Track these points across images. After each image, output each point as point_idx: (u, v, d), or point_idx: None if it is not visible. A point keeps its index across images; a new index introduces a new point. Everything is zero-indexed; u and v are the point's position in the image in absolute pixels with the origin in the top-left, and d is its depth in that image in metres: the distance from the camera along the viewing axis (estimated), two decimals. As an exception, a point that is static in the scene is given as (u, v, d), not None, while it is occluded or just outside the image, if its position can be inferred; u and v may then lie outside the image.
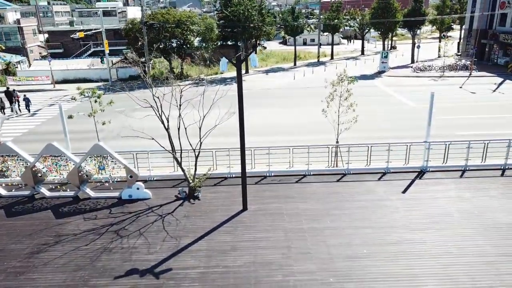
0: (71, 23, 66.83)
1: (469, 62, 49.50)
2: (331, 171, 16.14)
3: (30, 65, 59.64)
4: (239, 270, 10.19)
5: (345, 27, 72.51)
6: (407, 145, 16.27)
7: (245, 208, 13.30)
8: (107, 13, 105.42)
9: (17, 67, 56.35)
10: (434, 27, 70.81)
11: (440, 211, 12.85)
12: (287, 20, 56.03)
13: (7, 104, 33.92)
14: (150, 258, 10.76)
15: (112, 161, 14.11)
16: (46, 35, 64.10)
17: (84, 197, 14.37)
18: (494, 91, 37.99)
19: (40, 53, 68.35)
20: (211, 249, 11.13)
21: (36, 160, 14.16)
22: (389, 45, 79.40)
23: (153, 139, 13.80)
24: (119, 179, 14.47)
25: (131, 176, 14.11)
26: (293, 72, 52.18)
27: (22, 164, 14.26)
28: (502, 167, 15.92)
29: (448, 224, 12.10)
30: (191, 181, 14.14)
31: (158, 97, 13.54)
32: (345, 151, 16.29)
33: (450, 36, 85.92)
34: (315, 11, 76.13)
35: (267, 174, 15.93)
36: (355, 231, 11.81)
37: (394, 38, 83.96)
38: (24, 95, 34.72)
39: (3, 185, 14.99)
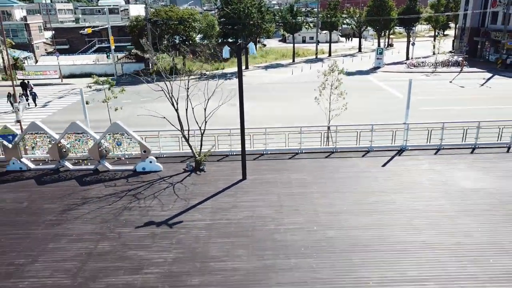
0: (76, 20, 68.65)
1: (461, 59, 51.50)
2: (320, 150, 18.18)
3: (36, 61, 61.57)
4: (239, 221, 12.22)
5: (343, 25, 74.34)
6: (394, 131, 18.31)
7: (244, 178, 15.32)
8: (110, 11, 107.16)
9: (24, 63, 58.38)
10: (430, 25, 72.63)
11: (412, 180, 14.88)
12: (286, 17, 57.96)
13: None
14: (164, 214, 12.79)
15: (128, 138, 16.14)
16: (52, 32, 65.99)
17: (103, 170, 16.40)
18: (482, 85, 39.99)
19: (45, 50, 70.35)
20: (215, 207, 13.17)
21: (61, 137, 16.19)
22: (386, 43, 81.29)
23: (164, 117, 15.84)
24: (133, 155, 16.52)
25: (144, 151, 16.14)
26: (291, 68, 54.17)
27: (49, 141, 16.27)
28: (472, 146, 17.95)
29: (417, 189, 14.14)
30: (197, 156, 16.17)
31: (169, 81, 15.54)
32: (333, 131, 18.32)
33: (447, 35, 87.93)
34: (314, 9, 77.96)
35: (264, 152, 17.96)
36: (338, 195, 13.84)
37: (391, 36, 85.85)
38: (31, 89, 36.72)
39: (32, 159, 17.02)
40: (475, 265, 9.93)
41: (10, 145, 16.34)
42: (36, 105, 35.28)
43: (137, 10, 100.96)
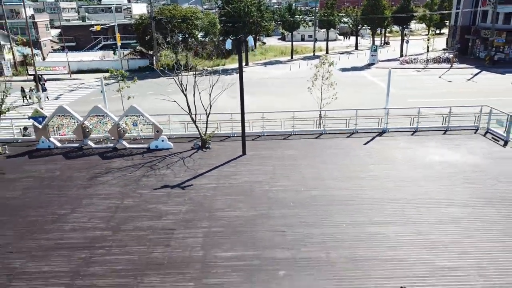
0: (83, 19, 71.00)
1: (451, 56, 53.91)
2: (311, 132, 20.61)
3: (43, 58, 63.95)
4: (239, 184, 14.64)
5: (340, 24, 76.71)
6: (380, 118, 20.71)
7: (244, 153, 17.73)
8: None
9: (32, 59, 60.78)
10: (424, 23, 74.92)
11: (389, 156, 17.29)
12: (285, 16, 60.27)
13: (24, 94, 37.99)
14: (177, 180, 15.21)
15: (143, 119, 18.55)
16: (59, 30, 68.37)
17: (121, 148, 18.82)
18: (469, 80, 42.43)
19: (52, 47, 72.82)
20: (220, 174, 15.59)
21: (85, 119, 18.61)
22: (383, 41, 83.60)
23: (175, 101, 18.27)
24: (147, 136, 18.96)
25: (157, 131, 18.56)
26: (289, 64, 56.61)
27: (74, 122, 18.68)
28: (445, 129, 20.38)
29: (392, 162, 16.55)
30: (203, 135, 18.58)
31: (178, 68, 17.95)
32: (323, 117, 20.74)
33: (443, 33, 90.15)
34: (312, 8, 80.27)
35: (262, 134, 20.39)
36: (323, 166, 16.25)
37: (388, 34, 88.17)
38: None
39: (59, 139, 19.44)
40: (429, 212, 12.35)
41: (40, 126, 18.75)
42: (47, 98, 37.67)
43: (139, 9, 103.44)
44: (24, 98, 36.07)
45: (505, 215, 12.23)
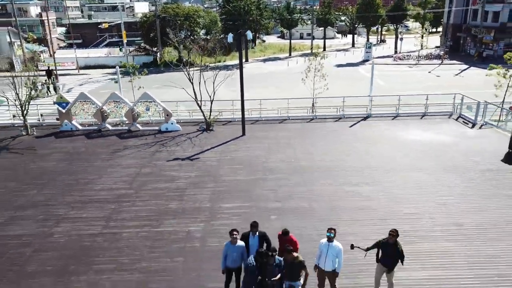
0: (89, 17, 73.41)
1: (442, 52, 56.38)
2: (303, 117, 23.16)
3: (50, 54, 66.49)
4: (239, 157, 17.15)
5: (337, 22, 79.13)
6: (367, 107, 23.22)
7: (243, 134, 20.24)
8: (115, 8, 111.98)
9: (40, 56, 63.29)
10: (418, 22, 77.27)
11: (370, 135, 19.81)
12: (283, 14, 62.74)
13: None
14: (186, 154, 17.72)
15: (154, 105, 21.05)
16: (66, 27, 70.95)
17: (135, 130, 21.32)
18: (456, 75, 44.89)
19: (58, 44, 75.34)
20: (222, 150, 18.12)
21: (104, 104, 21.10)
22: (379, 39, 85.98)
23: (183, 88, 20.78)
24: (158, 120, 21.47)
25: (167, 115, 21.06)
26: (287, 61, 59.03)
27: (94, 107, 21.18)
28: (422, 114, 22.90)
29: (372, 139, 19.06)
30: (208, 119, 21.09)
31: (185, 64, 20.45)
32: (316, 104, 23.27)
33: (439, 31, 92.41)
34: (311, 7, 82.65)
35: (259, 119, 22.90)
36: (313, 143, 18.76)
37: (384, 33, 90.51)
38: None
39: (80, 122, 21.95)
40: (398, 177, 14.86)
41: (63, 111, 21.24)
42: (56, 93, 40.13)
43: (141, 8, 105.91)
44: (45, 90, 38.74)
45: (463, 179, 14.69)
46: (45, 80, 40.81)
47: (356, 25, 75.31)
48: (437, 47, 67.65)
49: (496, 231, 11.30)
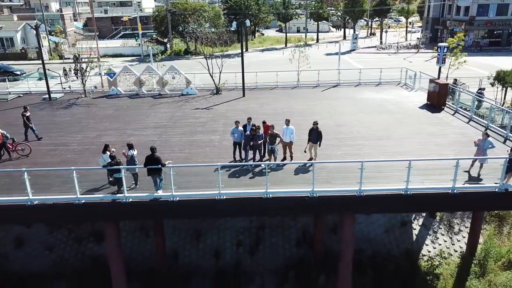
0: (105, 11, 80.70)
1: (418, 43, 63.79)
2: (289, 85, 30.79)
3: (69, 45, 73.91)
4: (241, 108, 24.74)
5: (331, 17, 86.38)
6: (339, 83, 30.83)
7: (243, 95, 27.82)
8: (124, 3, 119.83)
9: (60, 47, 70.73)
10: (402, 16, 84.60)
11: (336, 96, 27.38)
12: (279, 9, 70.07)
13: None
14: (203, 106, 25.30)
15: (178, 74, 28.62)
16: (85, 20, 78.36)
17: (164, 94, 28.89)
18: (426, 61, 52.35)
19: (75, 37, 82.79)
20: (229, 104, 25.73)
21: (140, 74, 28.67)
22: (369, 32, 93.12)
23: (199, 62, 28.36)
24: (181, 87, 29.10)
25: (188, 82, 28.64)
26: (283, 51, 66.43)
27: (134, 76, 28.73)
28: (378, 82, 30.54)
29: (337, 100, 26.61)
30: (217, 85, 28.65)
31: (202, 43, 28.00)
32: (299, 76, 30.92)
33: (421, 27, 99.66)
34: (305, 2, 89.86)
35: (255, 87, 30.50)
36: (294, 102, 26.32)
37: (374, 26, 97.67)
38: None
39: (122, 88, 29.54)
40: (349, 117, 22.42)
41: (111, 79, 28.80)
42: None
43: (148, 3, 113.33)
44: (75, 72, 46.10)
45: (392, 118, 22.15)
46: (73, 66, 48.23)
47: (347, 19, 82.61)
48: (418, 38, 75.03)
49: (393, 136, 18.93)
